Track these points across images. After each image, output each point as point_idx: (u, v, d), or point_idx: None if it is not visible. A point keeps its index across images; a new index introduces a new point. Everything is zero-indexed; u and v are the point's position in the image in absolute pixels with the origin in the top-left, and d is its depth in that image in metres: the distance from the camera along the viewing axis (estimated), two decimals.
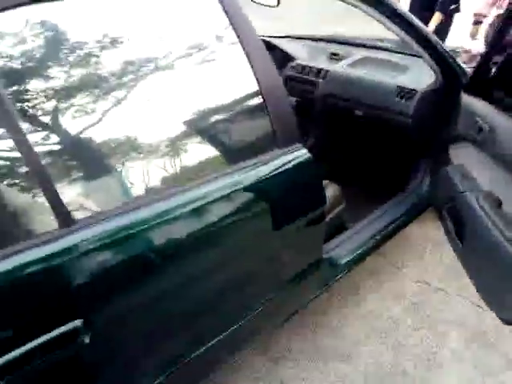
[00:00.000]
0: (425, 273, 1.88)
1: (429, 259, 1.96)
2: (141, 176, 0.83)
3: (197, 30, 0.94)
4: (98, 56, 0.79)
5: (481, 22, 2.54)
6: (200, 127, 0.94)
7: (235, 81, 0.99)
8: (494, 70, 1.42)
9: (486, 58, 1.40)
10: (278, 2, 1.38)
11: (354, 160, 2.16)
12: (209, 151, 0.98)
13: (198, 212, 0.87)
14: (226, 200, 0.92)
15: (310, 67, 2.05)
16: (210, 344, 1.03)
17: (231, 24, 0.93)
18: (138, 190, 0.84)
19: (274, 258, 1.13)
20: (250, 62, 0.96)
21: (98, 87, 0.78)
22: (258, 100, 0.97)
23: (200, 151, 0.95)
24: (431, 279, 1.85)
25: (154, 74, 0.86)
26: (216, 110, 0.96)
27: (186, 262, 0.88)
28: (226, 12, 0.92)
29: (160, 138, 0.86)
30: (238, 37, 0.94)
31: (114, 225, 0.76)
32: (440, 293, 1.78)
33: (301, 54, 2.23)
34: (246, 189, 0.95)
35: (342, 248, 1.52)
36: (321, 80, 1.98)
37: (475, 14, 2.57)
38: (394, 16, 1.31)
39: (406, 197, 1.84)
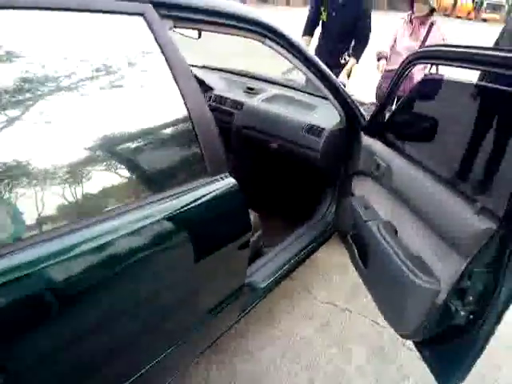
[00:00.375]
0: (332, 295, 2.04)
1: (335, 282, 2.13)
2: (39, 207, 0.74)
3: (128, 57, 0.93)
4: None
5: (381, 59, 3.00)
6: (128, 153, 0.91)
7: (165, 108, 0.99)
8: (387, 116, 1.66)
9: (380, 107, 1.64)
10: (199, 35, 1.43)
11: (268, 189, 2.27)
12: (135, 178, 0.95)
13: (114, 244, 0.83)
14: (148, 230, 0.89)
15: (227, 98, 2.13)
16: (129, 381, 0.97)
17: (162, 53, 0.95)
18: (33, 224, 0.74)
19: (199, 288, 1.12)
20: (180, 90, 0.97)
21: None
22: (188, 127, 0.99)
23: (124, 178, 0.92)
24: (338, 300, 2.00)
25: (77, 98, 0.82)
26: (145, 137, 0.94)
27: (102, 298, 0.83)
28: (158, 42, 0.94)
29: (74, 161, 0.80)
30: (169, 65, 0.95)
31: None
32: (346, 313, 1.94)
33: (217, 85, 2.31)
34: (173, 217, 0.94)
35: (260, 273, 1.57)
36: (237, 111, 2.07)
37: (378, 53, 3.03)
38: (306, 61, 1.45)
39: (314, 224, 1.99)
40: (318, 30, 3.21)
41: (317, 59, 1.50)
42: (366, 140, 1.69)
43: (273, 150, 2.01)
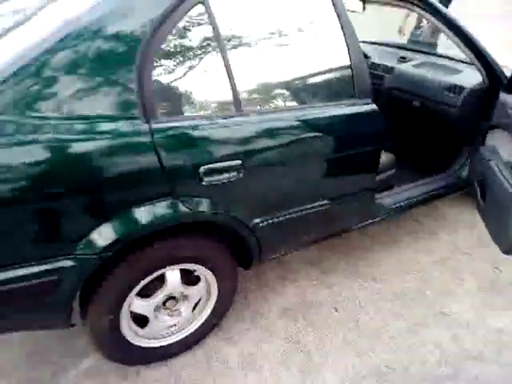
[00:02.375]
0: (456, 240, 2.29)
1: (461, 233, 2.36)
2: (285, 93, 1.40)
3: (318, 22, 1.48)
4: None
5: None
6: (314, 77, 1.48)
7: (335, 48, 1.48)
8: None
9: None
10: (364, 8, 1.87)
11: (409, 142, 2.60)
12: (317, 90, 1.52)
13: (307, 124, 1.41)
14: (325, 119, 1.45)
15: (380, 64, 2.54)
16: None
17: (339, 18, 1.46)
18: (278, 102, 1.40)
19: (347, 173, 1.63)
20: (346, 39, 1.46)
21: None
22: (347, 64, 1.48)
23: (313, 89, 1.50)
24: (460, 245, 2.25)
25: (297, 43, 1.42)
26: (324, 68, 1.49)
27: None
28: (337, 12, 1.45)
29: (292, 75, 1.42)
30: (340, 22, 1.45)
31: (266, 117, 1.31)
32: (466, 255, 2.18)
33: (372, 54, 2.72)
34: (336, 118, 1.47)
35: (389, 198, 1.99)
36: (387, 75, 2.46)
37: None
38: (451, 25, 1.77)
39: (447, 176, 2.27)
40: None
41: (460, 23, 1.80)
42: (506, 97, 1.90)
43: (415, 107, 2.35)
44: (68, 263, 1.11)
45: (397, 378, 1.54)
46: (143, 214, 1.17)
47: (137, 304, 1.38)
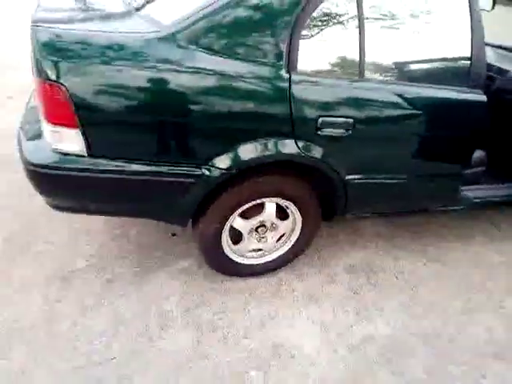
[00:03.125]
0: None
1: None
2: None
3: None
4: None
5: None
6: (436, 59, 1.63)
7: (462, 43, 1.60)
8: None
9: None
10: (493, 7, 1.92)
11: (505, 145, 2.61)
12: (435, 72, 1.66)
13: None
14: (435, 99, 1.60)
15: (494, 65, 2.56)
16: None
17: (470, 9, 1.58)
18: (398, 75, 1.57)
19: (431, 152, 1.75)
20: (473, 34, 1.59)
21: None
22: (468, 54, 1.61)
23: (431, 70, 1.65)
24: None
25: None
26: (447, 53, 1.62)
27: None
28: (470, 2, 1.58)
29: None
30: (471, 19, 1.58)
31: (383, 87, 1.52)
32: None
33: (489, 55, 2.72)
34: (447, 100, 1.62)
35: (474, 191, 2.08)
36: (500, 77, 2.48)
37: None
38: None
39: None
40: None
41: None
42: None
43: None
44: (203, 172, 1.44)
45: (442, 344, 1.70)
46: (264, 146, 1.45)
47: (238, 221, 1.70)
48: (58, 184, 1.40)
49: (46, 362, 1.47)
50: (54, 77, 1.20)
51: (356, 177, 1.66)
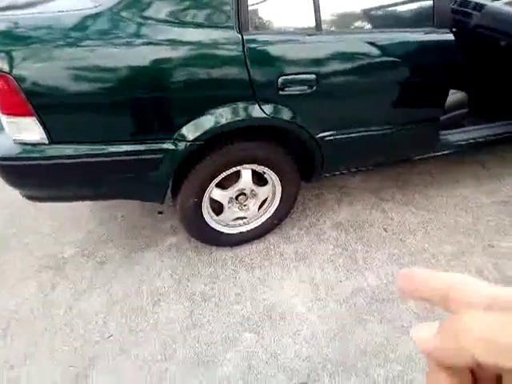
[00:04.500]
0: None
1: None
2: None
3: None
4: None
5: None
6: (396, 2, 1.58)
7: None
8: None
9: None
10: None
11: (487, 84, 2.54)
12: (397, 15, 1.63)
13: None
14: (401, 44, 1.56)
15: (470, 1, 2.45)
16: None
17: None
18: (357, 23, 1.53)
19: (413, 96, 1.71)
20: None
21: None
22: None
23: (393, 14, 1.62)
24: None
25: None
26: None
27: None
28: None
29: None
30: None
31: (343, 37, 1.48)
32: None
33: None
34: (413, 44, 1.57)
35: (456, 135, 2.05)
36: (475, 12, 2.37)
37: None
38: None
39: None
40: None
41: None
42: None
43: (501, 48, 2.27)
44: (169, 146, 1.43)
45: None
46: (227, 113, 1.42)
47: (216, 192, 1.70)
48: (23, 175, 1.40)
49: (46, 345, 1.52)
50: None
51: (328, 133, 1.63)
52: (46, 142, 1.32)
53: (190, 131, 1.42)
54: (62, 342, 1.54)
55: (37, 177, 1.41)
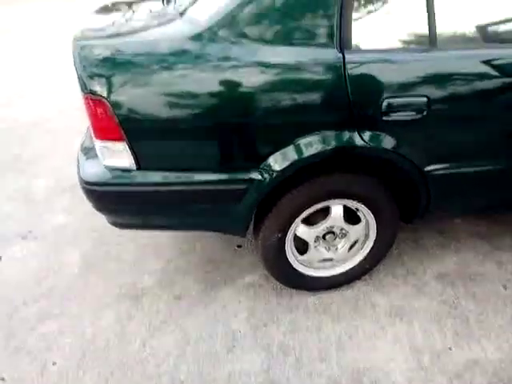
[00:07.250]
0: None
1: None
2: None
3: None
4: None
5: None
6: None
7: None
8: None
9: None
10: None
11: None
12: None
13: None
14: None
15: None
16: None
17: None
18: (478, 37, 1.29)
19: None
20: None
21: None
22: None
23: None
24: None
25: None
26: None
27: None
28: None
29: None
30: None
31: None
32: None
33: None
34: None
35: None
36: None
37: None
38: None
39: None
40: None
41: None
42: None
43: None
44: (255, 176, 1.31)
45: None
46: (319, 141, 1.26)
47: (301, 229, 1.52)
48: (110, 200, 1.38)
49: None
50: (95, 91, 1.18)
51: (438, 167, 1.39)
52: (134, 168, 1.28)
53: (278, 161, 1.29)
54: (132, 383, 1.44)
55: (123, 203, 1.39)
